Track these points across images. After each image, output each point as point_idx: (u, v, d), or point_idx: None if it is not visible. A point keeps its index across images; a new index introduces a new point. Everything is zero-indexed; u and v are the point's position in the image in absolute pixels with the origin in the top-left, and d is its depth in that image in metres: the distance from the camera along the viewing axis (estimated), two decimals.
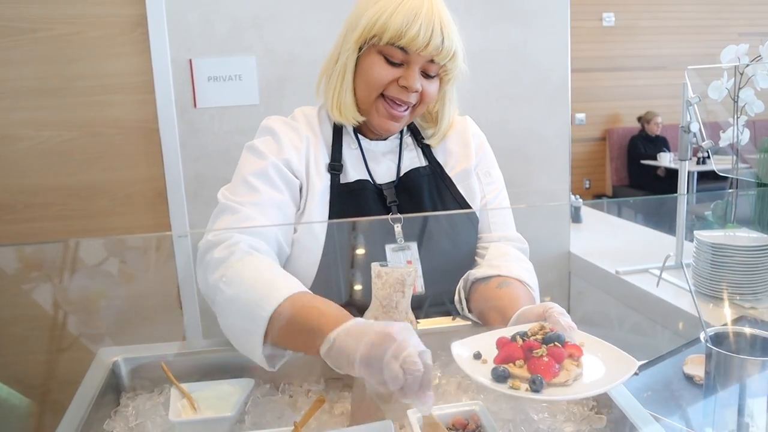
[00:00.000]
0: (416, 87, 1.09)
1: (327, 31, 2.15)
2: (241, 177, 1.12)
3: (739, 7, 6.78)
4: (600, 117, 6.86)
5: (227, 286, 0.95)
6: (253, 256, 0.99)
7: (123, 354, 1.05)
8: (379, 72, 1.10)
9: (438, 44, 1.06)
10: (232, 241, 1.01)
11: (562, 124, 2.44)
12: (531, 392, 0.76)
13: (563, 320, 0.87)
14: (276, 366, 0.93)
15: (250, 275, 0.94)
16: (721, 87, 1.94)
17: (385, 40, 1.06)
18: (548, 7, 2.34)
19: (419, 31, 1.04)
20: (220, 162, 2.19)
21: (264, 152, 1.13)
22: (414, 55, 1.08)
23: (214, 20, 2.11)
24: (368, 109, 1.14)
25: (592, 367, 0.81)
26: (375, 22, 1.07)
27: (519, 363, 0.80)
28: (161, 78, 2.08)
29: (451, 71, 1.14)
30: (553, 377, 0.78)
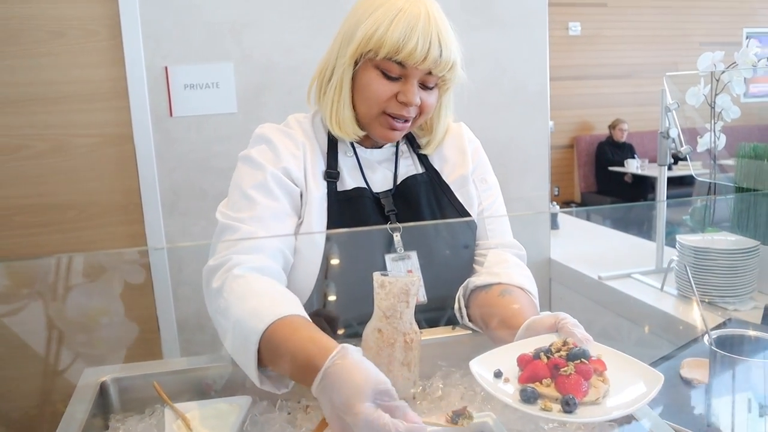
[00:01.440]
0: (415, 102, 1.07)
1: (306, 38, 2.13)
2: (239, 191, 1.08)
3: (700, 17, 7.00)
4: (568, 125, 6.98)
5: (221, 317, 0.93)
6: (243, 280, 0.96)
7: (111, 374, 1.00)
8: (377, 88, 1.07)
9: (436, 57, 1.03)
10: (229, 266, 0.97)
11: (540, 132, 2.45)
12: (564, 413, 0.74)
13: (579, 332, 0.85)
14: (289, 386, 0.92)
15: (237, 306, 0.92)
16: (699, 93, 1.97)
17: (382, 54, 1.03)
18: (526, 15, 2.36)
19: (417, 45, 1.01)
20: (197, 172, 2.13)
21: (261, 162, 1.10)
22: (412, 69, 1.05)
23: (190, 26, 2.06)
24: (370, 123, 1.12)
25: (617, 382, 0.79)
26: (371, 36, 1.03)
27: (546, 382, 0.78)
28: (135, 86, 2.02)
29: (450, 81, 1.12)
30: (584, 396, 0.75)
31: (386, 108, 1.09)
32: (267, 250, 1.02)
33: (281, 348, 0.84)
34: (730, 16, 7.06)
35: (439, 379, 1.06)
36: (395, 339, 0.93)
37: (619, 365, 0.82)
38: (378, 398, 0.71)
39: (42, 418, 0.98)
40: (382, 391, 0.72)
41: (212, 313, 0.96)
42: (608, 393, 0.77)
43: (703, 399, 1.06)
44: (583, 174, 6.95)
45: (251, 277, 0.97)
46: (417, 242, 1.15)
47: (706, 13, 7.00)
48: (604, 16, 6.73)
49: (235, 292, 0.93)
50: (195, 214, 2.14)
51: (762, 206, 1.80)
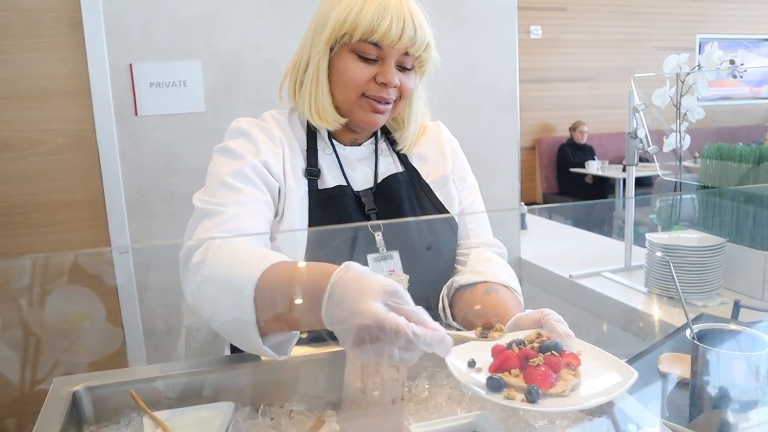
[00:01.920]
0: (395, 82, 1.07)
1: (275, 36, 2.10)
2: (217, 180, 1.04)
3: (655, 23, 7.21)
4: (529, 127, 7.08)
5: (206, 285, 0.87)
6: (226, 244, 0.92)
7: (83, 383, 0.94)
8: (355, 72, 1.06)
9: (411, 35, 1.03)
10: (211, 242, 0.93)
11: (510, 132, 2.47)
12: (527, 403, 0.74)
13: (560, 328, 0.85)
14: (288, 352, 0.88)
15: (224, 264, 0.87)
16: (665, 95, 2.02)
17: (357, 36, 1.03)
18: (495, 16, 2.38)
19: (391, 24, 1.01)
20: (163, 173, 2.07)
21: (240, 152, 1.07)
22: (388, 49, 1.04)
23: (156, 23, 2.00)
24: (350, 108, 1.10)
25: (589, 377, 0.80)
26: (345, 19, 1.03)
27: (515, 372, 0.78)
28: (98, 83, 1.95)
29: (426, 62, 1.11)
30: (550, 387, 0.76)
31: (365, 91, 1.07)
32: (252, 237, 0.99)
33: (280, 286, 0.80)
34: (683, 22, 7.29)
35: (424, 380, 1.04)
36: None
37: (596, 361, 0.83)
38: (389, 299, 0.68)
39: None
40: (392, 292, 0.69)
41: (195, 289, 0.89)
42: (577, 386, 0.77)
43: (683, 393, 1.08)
44: (545, 175, 7.06)
45: (236, 240, 0.94)
46: (399, 242, 1.13)
47: (661, 18, 7.21)
48: (564, 21, 6.86)
49: (220, 255, 0.89)
50: (162, 216, 2.07)
51: (727, 204, 1.85)
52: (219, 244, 0.92)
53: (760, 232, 1.76)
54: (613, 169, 6.02)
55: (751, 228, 1.79)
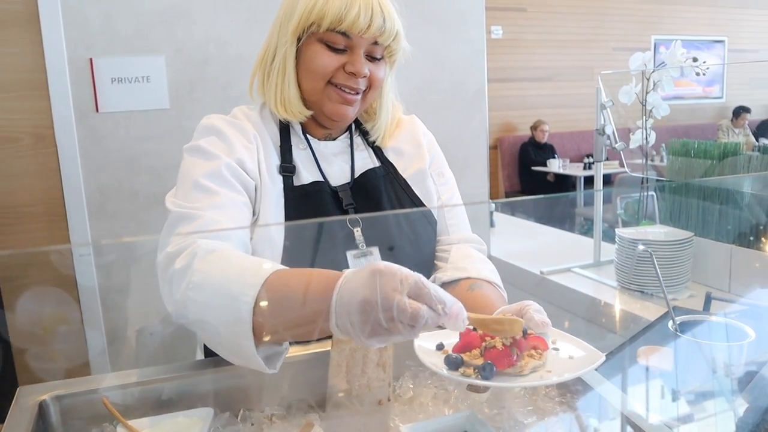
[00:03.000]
0: (364, 72, 1.04)
1: (242, 31, 2.05)
2: (191, 182, 0.99)
3: (613, 24, 7.38)
4: (491, 126, 7.15)
5: (196, 292, 0.83)
6: (216, 252, 0.88)
7: (50, 391, 0.89)
8: (323, 60, 1.03)
9: (380, 24, 1.01)
10: (194, 248, 0.88)
11: (479, 129, 2.48)
12: (481, 378, 0.74)
13: (537, 317, 0.85)
14: (277, 366, 0.85)
15: (217, 272, 0.83)
16: (631, 92, 2.05)
17: (325, 26, 1.01)
18: (462, 14, 2.38)
19: (359, 13, 0.99)
20: (126, 172, 1.99)
21: (214, 152, 1.02)
22: (357, 38, 1.02)
23: (117, 16, 1.92)
24: (319, 99, 1.07)
25: (557, 362, 0.80)
26: (312, 9, 1.01)
27: (475, 352, 0.79)
28: (56, 78, 1.86)
29: (396, 52, 1.09)
30: (508, 366, 0.76)
31: (333, 79, 1.05)
32: (232, 239, 0.95)
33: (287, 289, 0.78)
34: (639, 23, 7.49)
35: (408, 380, 1.02)
36: None
37: (569, 348, 0.83)
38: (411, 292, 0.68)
39: None
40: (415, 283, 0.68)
41: (181, 296, 0.85)
42: (539, 368, 0.78)
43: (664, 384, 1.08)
44: (507, 174, 7.14)
45: (226, 249, 0.90)
46: (378, 237, 1.11)
47: (618, 20, 7.39)
48: (524, 21, 6.95)
49: (212, 261, 0.85)
50: (125, 217, 2.00)
51: (692, 198, 1.89)
52: (207, 249, 0.88)
53: (726, 226, 1.80)
54: (574, 167, 6.12)
55: (717, 221, 1.83)
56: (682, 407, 0.98)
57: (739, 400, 0.91)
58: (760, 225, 1.78)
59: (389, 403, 0.92)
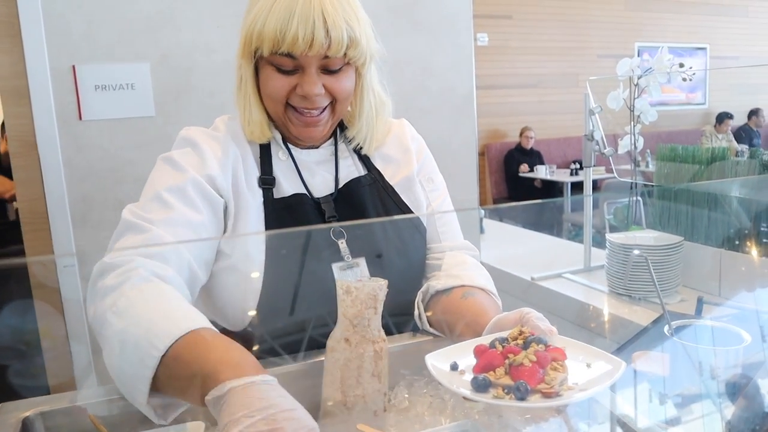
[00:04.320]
0: (314, 92, 0.98)
1: (228, 38, 2.01)
2: (153, 192, 0.96)
3: (597, 31, 7.45)
4: (478, 133, 7.17)
5: (117, 317, 0.79)
6: (152, 284, 0.84)
7: (34, 407, 0.86)
8: (275, 85, 0.99)
9: (322, 39, 0.94)
10: (131, 266, 0.85)
11: (468, 136, 2.47)
12: (516, 400, 0.71)
13: (543, 325, 0.83)
14: (169, 418, 0.79)
15: (144, 306, 0.79)
16: (619, 97, 2.05)
17: (267, 50, 0.96)
18: (450, 20, 2.38)
19: (297, 33, 0.92)
20: (111, 181, 1.96)
21: (183, 165, 0.99)
22: (303, 58, 0.96)
23: (100, 23, 1.89)
24: (282, 123, 1.05)
25: (577, 371, 0.78)
26: (252, 33, 0.96)
27: (500, 371, 0.76)
28: (38, 85, 1.82)
29: (358, 57, 1.01)
30: (538, 383, 0.74)
31: (290, 101, 1.01)
32: (172, 261, 0.91)
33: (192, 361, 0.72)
34: (623, 30, 7.57)
35: (403, 389, 1.00)
36: (364, 349, 0.87)
37: (582, 355, 0.82)
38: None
39: None
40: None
41: (100, 313, 0.82)
42: (565, 381, 0.76)
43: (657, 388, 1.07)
44: (495, 180, 7.16)
45: (159, 283, 0.86)
46: (365, 248, 1.08)
47: (603, 27, 7.47)
48: (510, 28, 7.00)
49: (143, 293, 0.81)
50: (109, 227, 1.94)
51: (682, 203, 1.89)
52: (143, 277, 0.84)
53: (715, 230, 1.81)
54: (561, 173, 6.15)
55: (706, 226, 1.83)
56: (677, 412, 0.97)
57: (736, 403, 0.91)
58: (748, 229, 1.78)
59: (385, 414, 0.90)
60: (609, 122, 2.17)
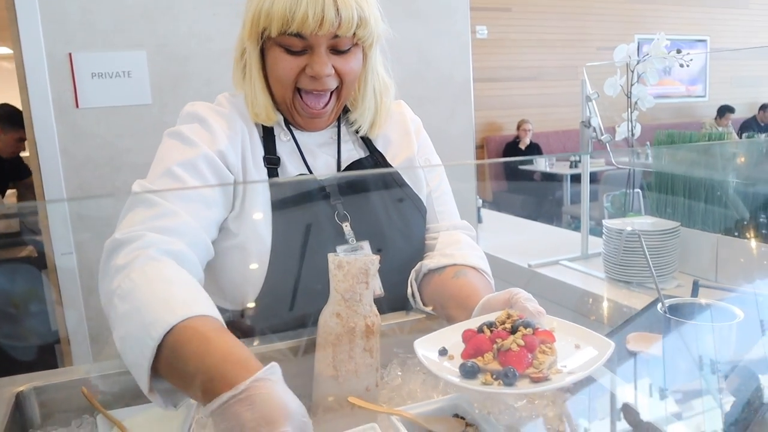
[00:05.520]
0: (325, 71, 0.98)
1: (225, 26, 2.03)
2: (164, 167, 0.95)
3: (597, 24, 7.43)
4: (477, 126, 7.15)
5: (121, 301, 0.78)
6: (157, 265, 0.82)
7: (27, 383, 0.86)
8: (283, 66, 0.98)
9: (332, 18, 0.93)
10: (142, 243, 0.84)
11: (466, 125, 2.47)
12: (504, 386, 0.71)
13: (531, 306, 0.83)
14: (178, 404, 0.77)
15: (145, 290, 0.78)
16: (616, 84, 2.05)
17: (276, 30, 0.95)
18: (447, 8, 2.37)
19: (307, 12, 0.91)
20: (108, 169, 1.96)
21: (194, 140, 0.98)
22: (312, 37, 0.95)
23: (97, 10, 1.89)
24: (288, 109, 1.05)
25: (566, 353, 0.78)
26: (260, 14, 0.95)
27: (488, 356, 0.76)
28: (34, 73, 1.82)
29: (367, 37, 1.00)
30: (527, 367, 0.73)
31: (299, 84, 1.00)
32: (187, 236, 0.90)
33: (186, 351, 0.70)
34: (622, 22, 7.55)
35: (396, 367, 1.01)
36: (355, 323, 0.87)
37: (571, 336, 0.81)
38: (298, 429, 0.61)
39: None
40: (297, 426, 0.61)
41: (108, 295, 0.81)
42: (554, 364, 0.75)
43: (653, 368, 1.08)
44: (494, 173, 7.15)
45: (167, 263, 0.84)
46: (368, 231, 1.08)
47: (602, 19, 7.44)
48: (509, 21, 6.98)
49: (148, 275, 0.80)
50: (107, 215, 1.96)
51: (679, 189, 1.89)
52: (151, 257, 0.83)
53: (712, 216, 1.81)
54: (560, 165, 6.14)
55: (703, 212, 1.83)
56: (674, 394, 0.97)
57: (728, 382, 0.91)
58: (745, 215, 1.78)
59: (377, 389, 0.90)
60: (607, 109, 2.17)
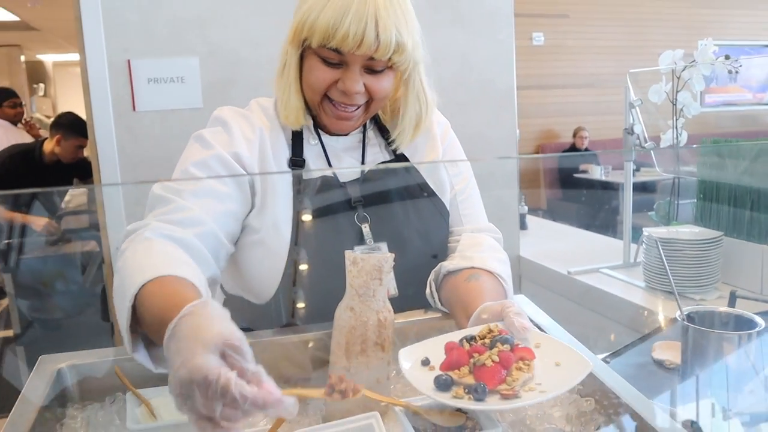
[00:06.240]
0: (355, 89, 1.01)
1: (272, 33, 2.10)
2: (182, 168, 1.04)
3: (655, 29, 7.21)
4: (533, 133, 7.08)
5: (116, 276, 0.85)
6: (149, 242, 0.88)
7: (68, 360, 0.94)
8: (318, 75, 1.02)
9: (371, 41, 0.96)
10: (144, 229, 0.90)
11: (508, 131, 2.47)
12: (474, 401, 0.72)
13: (517, 321, 0.83)
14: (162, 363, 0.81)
15: (129, 264, 0.83)
16: (661, 90, 2.01)
17: (316, 42, 0.99)
18: (492, 15, 2.39)
19: (348, 30, 0.95)
20: (162, 169, 2.07)
21: (211, 143, 1.05)
22: (349, 55, 0.99)
23: (154, 20, 2.01)
24: (316, 112, 1.09)
25: (545, 371, 0.78)
26: (304, 24, 0.99)
27: (464, 369, 0.77)
28: (97, 78, 1.96)
29: (402, 63, 1.03)
30: (499, 384, 0.74)
31: (329, 93, 1.04)
32: (196, 227, 0.95)
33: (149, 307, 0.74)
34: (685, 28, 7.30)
35: None
36: (368, 317, 0.91)
37: (553, 354, 0.81)
38: (228, 350, 0.60)
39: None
40: (233, 346, 0.60)
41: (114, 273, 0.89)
42: (530, 381, 0.76)
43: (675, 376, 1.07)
44: (549, 181, 7.04)
45: (159, 241, 0.89)
46: (387, 232, 1.11)
47: (663, 25, 7.22)
48: (566, 27, 6.87)
49: (136, 251, 0.86)
50: None
51: (724, 198, 1.84)
52: (145, 237, 0.89)
53: (758, 226, 1.75)
54: (617, 174, 5.99)
55: (749, 222, 1.77)
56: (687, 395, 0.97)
57: None
58: None
59: (388, 382, 0.94)
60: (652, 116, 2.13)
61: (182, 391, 0.58)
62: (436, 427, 0.81)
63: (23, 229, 2.99)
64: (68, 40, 7.49)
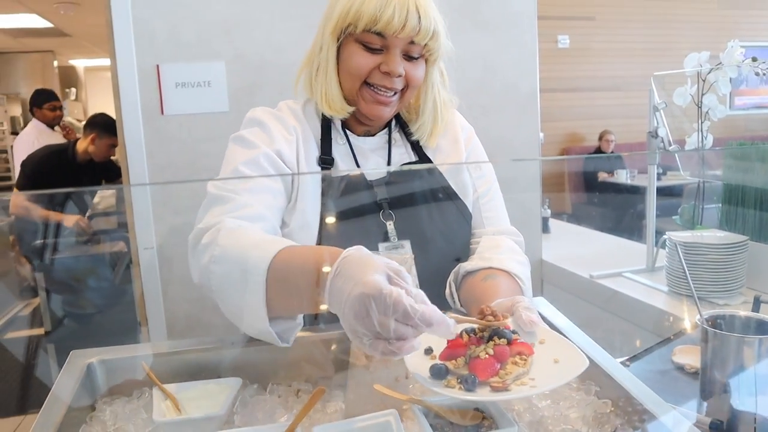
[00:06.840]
0: (399, 71, 1.07)
1: (297, 37, 2.14)
2: (231, 168, 1.08)
3: (684, 31, 7.10)
4: (558, 136, 7.02)
5: (217, 265, 0.91)
6: (239, 229, 0.95)
7: (98, 356, 0.98)
8: (359, 61, 1.08)
9: (414, 24, 1.03)
10: (220, 226, 0.96)
11: (531, 134, 2.47)
12: (464, 391, 0.74)
13: (525, 315, 0.84)
14: (290, 340, 0.90)
15: (237, 246, 0.90)
16: (686, 93, 1.99)
17: (361, 27, 1.05)
18: (514, 18, 2.38)
19: (393, 14, 1.02)
20: (188, 171, 2.12)
21: (254, 142, 1.10)
22: (392, 38, 1.05)
23: (182, 26, 2.06)
24: (355, 98, 1.12)
25: (542, 367, 0.79)
26: (348, 10, 1.05)
27: (460, 360, 0.78)
28: (126, 82, 2.01)
29: (435, 51, 1.11)
30: (491, 376, 0.75)
31: (369, 78, 1.09)
32: (260, 223, 1.01)
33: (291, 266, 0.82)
34: (714, 30, 7.17)
35: None
36: None
37: (556, 350, 0.81)
38: (393, 275, 0.69)
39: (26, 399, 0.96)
40: (395, 270, 0.70)
41: (202, 268, 0.93)
42: (523, 375, 0.77)
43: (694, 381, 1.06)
44: (574, 185, 6.98)
45: (247, 226, 0.97)
46: (410, 231, 1.14)
47: (691, 27, 7.11)
48: (592, 30, 6.81)
49: (232, 237, 0.92)
50: (186, 213, 2.12)
51: (749, 202, 1.81)
52: (231, 227, 0.95)
53: None
54: (642, 177, 5.91)
55: None
56: None
57: None
58: None
59: (406, 380, 0.95)
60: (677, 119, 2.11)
61: (358, 309, 0.66)
62: (452, 426, 0.83)
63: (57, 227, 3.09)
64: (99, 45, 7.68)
